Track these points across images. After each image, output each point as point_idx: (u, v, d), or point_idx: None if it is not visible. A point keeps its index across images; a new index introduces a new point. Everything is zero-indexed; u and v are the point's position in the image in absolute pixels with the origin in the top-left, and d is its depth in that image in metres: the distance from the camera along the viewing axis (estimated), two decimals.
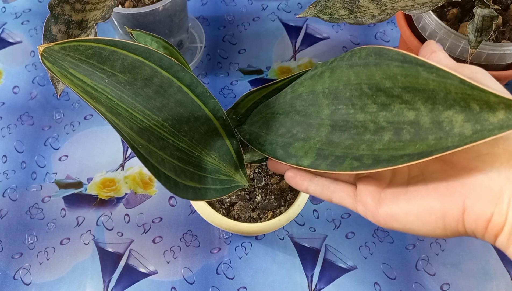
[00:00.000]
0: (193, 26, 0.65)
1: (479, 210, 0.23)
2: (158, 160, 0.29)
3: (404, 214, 0.25)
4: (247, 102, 0.38)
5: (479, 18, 0.40)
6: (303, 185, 0.31)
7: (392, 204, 0.26)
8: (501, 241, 0.23)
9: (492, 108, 0.21)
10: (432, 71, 0.23)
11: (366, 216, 0.28)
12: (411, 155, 0.24)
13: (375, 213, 0.27)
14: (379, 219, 0.27)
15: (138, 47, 0.31)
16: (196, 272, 0.49)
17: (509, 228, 0.22)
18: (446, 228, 0.24)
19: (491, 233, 0.23)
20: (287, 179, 0.32)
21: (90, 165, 0.56)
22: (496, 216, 0.22)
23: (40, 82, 0.62)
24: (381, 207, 0.26)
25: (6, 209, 0.53)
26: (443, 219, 0.24)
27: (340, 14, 0.35)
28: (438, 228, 0.24)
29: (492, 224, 0.23)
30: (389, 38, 0.65)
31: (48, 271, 0.49)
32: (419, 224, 0.25)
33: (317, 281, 0.49)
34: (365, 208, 0.27)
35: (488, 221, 0.23)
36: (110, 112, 0.28)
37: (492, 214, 0.23)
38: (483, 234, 0.23)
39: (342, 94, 0.28)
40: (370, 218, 0.27)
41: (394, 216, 0.26)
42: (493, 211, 0.23)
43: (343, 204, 0.29)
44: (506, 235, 0.23)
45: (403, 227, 0.26)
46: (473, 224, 0.23)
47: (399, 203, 0.26)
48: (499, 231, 0.23)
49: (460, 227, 0.24)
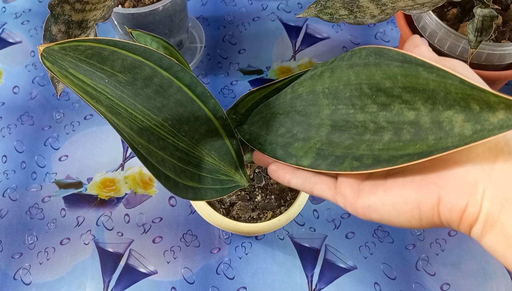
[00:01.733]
0: (193, 26, 0.65)
1: (454, 200, 0.23)
2: (158, 160, 0.29)
3: (381, 204, 0.26)
4: (247, 102, 0.38)
5: (479, 18, 0.40)
6: (285, 177, 0.31)
7: (370, 195, 0.26)
8: (476, 231, 0.23)
9: (492, 108, 0.21)
10: (432, 71, 0.23)
11: (346, 207, 0.28)
12: (411, 155, 0.24)
13: (354, 204, 0.27)
14: (358, 210, 0.27)
15: (138, 47, 0.31)
16: (196, 272, 0.49)
17: (483, 219, 0.23)
18: (421, 218, 0.25)
19: (465, 224, 0.23)
20: (269, 172, 0.33)
21: (90, 165, 0.56)
22: (471, 206, 0.23)
23: (40, 82, 0.62)
24: (359, 198, 0.27)
25: (6, 209, 0.53)
26: (418, 209, 0.24)
27: (340, 14, 0.35)
28: (414, 218, 0.25)
29: (467, 215, 0.23)
30: (389, 38, 0.65)
31: (48, 271, 0.49)
32: (395, 214, 0.25)
33: (317, 281, 0.49)
34: (344, 199, 0.28)
35: (462, 211, 0.23)
36: (110, 112, 0.28)
37: (466, 205, 0.23)
38: (458, 224, 0.24)
39: (342, 94, 0.28)
40: (349, 209, 0.28)
41: (372, 207, 0.26)
42: (467, 202, 0.23)
43: (324, 196, 0.30)
44: (480, 226, 0.23)
45: (380, 217, 0.26)
46: (448, 214, 0.24)
47: (377, 193, 0.26)
48: (474, 221, 0.23)
49: (435, 218, 0.24)
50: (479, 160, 0.23)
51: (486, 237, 0.23)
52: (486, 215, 0.22)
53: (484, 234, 0.23)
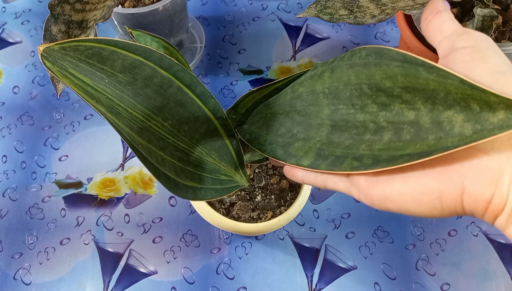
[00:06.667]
0: (193, 26, 0.65)
1: (479, 191, 0.22)
2: (158, 160, 0.29)
3: (398, 194, 0.25)
4: (247, 102, 0.38)
5: (479, 18, 0.40)
6: (298, 175, 0.31)
7: (386, 185, 0.25)
8: (500, 222, 0.23)
9: (492, 108, 0.21)
10: (432, 71, 0.23)
11: (360, 198, 0.27)
12: (411, 154, 0.24)
13: (369, 194, 0.26)
14: (373, 200, 0.26)
15: (138, 47, 0.31)
16: (196, 272, 0.49)
17: (510, 209, 0.22)
18: (443, 208, 0.24)
19: (490, 214, 0.23)
20: (285, 172, 0.32)
21: (90, 165, 0.56)
22: (497, 197, 0.22)
23: (40, 82, 0.62)
24: (375, 188, 0.26)
25: (6, 209, 0.53)
26: (440, 199, 0.23)
27: (340, 14, 0.35)
28: (435, 209, 0.24)
29: (493, 205, 0.22)
30: (389, 38, 0.65)
31: (48, 271, 0.49)
32: (414, 205, 0.24)
33: (317, 281, 0.49)
34: (359, 190, 0.27)
35: (488, 202, 0.22)
36: (110, 112, 0.28)
37: (492, 195, 0.22)
38: (483, 214, 0.23)
39: (342, 94, 0.28)
40: (364, 200, 0.27)
41: (389, 197, 0.25)
42: (493, 192, 0.22)
43: (337, 189, 0.29)
44: (506, 216, 0.22)
45: (398, 208, 0.25)
46: (472, 205, 0.23)
47: (394, 183, 0.25)
48: (500, 212, 0.22)
49: (458, 208, 0.23)
50: (504, 148, 0.22)
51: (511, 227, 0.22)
52: None
53: (510, 224, 0.22)
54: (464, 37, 0.24)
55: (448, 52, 0.25)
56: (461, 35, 0.24)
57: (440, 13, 0.26)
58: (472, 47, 0.23)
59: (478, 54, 0.23)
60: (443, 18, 0.26)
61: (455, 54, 0.24)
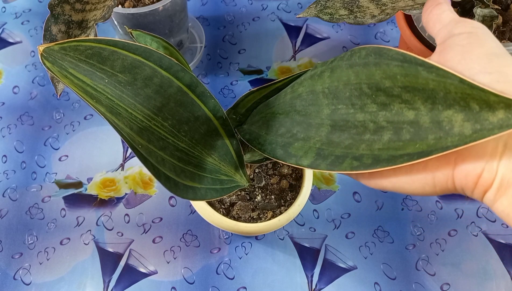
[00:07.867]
0: (193, 26, 0.65)
1: (470, 167, 0.23)
2: (158, 160, 0.29)
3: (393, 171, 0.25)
4: (247, 102, 0.38)
5: (479, 18, 0.40)
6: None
7: None
8: (489, 197, 0.23)
9: (492, 108, 0.21)
10: (432, 70, 0.23)
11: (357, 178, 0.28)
12: (411, 154, 0.24)
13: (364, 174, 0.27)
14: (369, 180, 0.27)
15: (138, 47, 0.31)
16: (196, 272, 0.49)
17: (498, 184, 0.22)
18: (435, 185, 0.24)
19: (480, 189, 0.23)
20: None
21: (90, 165, 0.56)
22: (487, 172, 0.23)
23: (40, 82, 0.62)
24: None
25: (6, 209, 0.53)
26: (432, 175, 0.24)
27: (340, 14, 0.35)
28: (428, 185, 0.25)
29: (482, 180, 0.23)
30: (389, 38, 0.66)
31: (48, 271, 0.50)
32: (408, 182, 0.25)
33: (317, 281, 0.49)
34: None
35: (478, 177, 0.23)
36: (110, 112, 0.28)
37: (482, 170, 0.23)
38: (472, 190, 0.24)
39: (342, 94, 0.28)
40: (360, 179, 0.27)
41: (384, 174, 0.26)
42: (483, 168, 0.23)
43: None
44: (494, 191, 0.23)
45: (392, 185, 0.26)
46: (463, 180, 0.23)
47: None
48: (488, 187, 0.23)
49: (449, 184, 0.24)
50: None
51: (499, 202, 0.23)
52: (500, 179, 0.22)
53: (497, 199, 0.23)
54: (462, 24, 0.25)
55: (446, 38, 0.25)
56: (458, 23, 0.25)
57: (440, 4, 0.27)
58: (469, 33, 0.24)
59: (475, 39, 0.24)
60: (442, 9, 0.27)
61: (453, 39, 0.25)
